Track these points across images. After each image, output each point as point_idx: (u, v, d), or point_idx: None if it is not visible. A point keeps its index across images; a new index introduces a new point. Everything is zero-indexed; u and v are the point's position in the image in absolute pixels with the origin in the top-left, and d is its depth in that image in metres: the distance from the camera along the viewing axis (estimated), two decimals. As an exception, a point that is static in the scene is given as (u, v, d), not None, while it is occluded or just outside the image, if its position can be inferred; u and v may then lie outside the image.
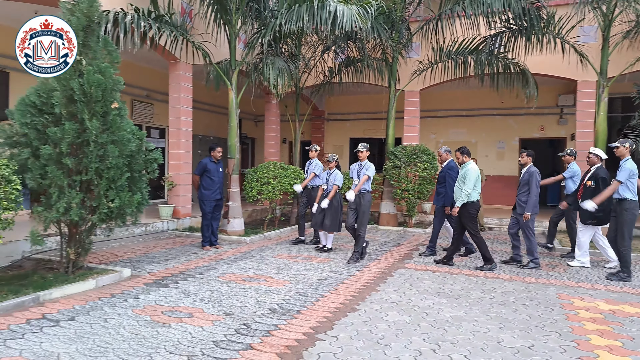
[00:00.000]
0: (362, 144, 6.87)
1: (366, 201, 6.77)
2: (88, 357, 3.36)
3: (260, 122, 16.75)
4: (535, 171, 6.75)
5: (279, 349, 3.59)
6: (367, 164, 6.85)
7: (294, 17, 7.66)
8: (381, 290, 5.32)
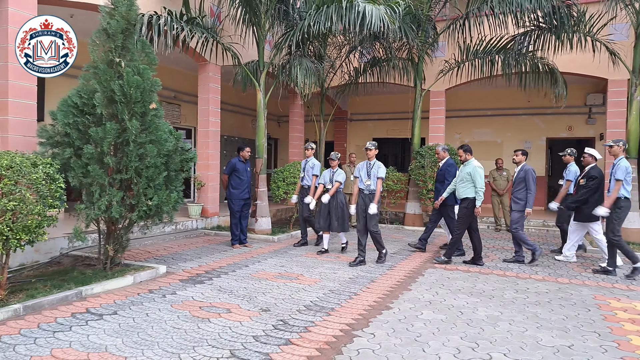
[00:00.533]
0: (370, 141, 6.58)
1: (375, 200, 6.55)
2: (134, 350, 3.47)
3: (283, 122, 16.87)
4: (530, 169, 6.93)
5: (317, 344, 3.65)
6: (376, 163, 6.54)
7: (323, 18, 7.72)
8: (413, 289, 5.33)
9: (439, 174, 7.52)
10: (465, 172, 6.55)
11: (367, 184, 6.48)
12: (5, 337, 3.66)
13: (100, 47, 5.36)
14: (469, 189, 6.52)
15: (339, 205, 7.04)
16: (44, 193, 4.45)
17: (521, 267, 6.67)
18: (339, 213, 7.01)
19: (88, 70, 5.33)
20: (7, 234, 4.22)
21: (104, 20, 5.42)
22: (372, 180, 6.46)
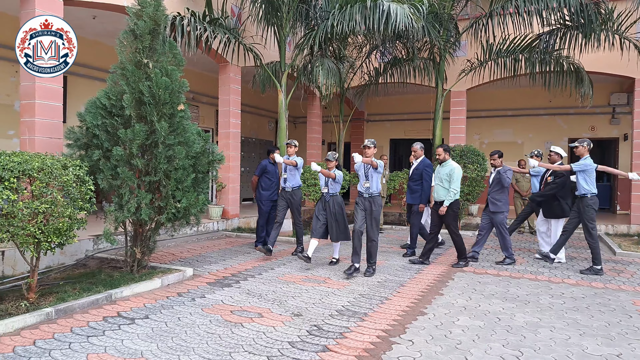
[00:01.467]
0: (369, 139, 6.00)
1: (377, 206, 5.90)
2: (170, 355, 3.40)
3: (299, 123, 16.82)
4: (509, 169, 6.93)
5: (356, 351, 3.54)
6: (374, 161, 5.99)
7: (346, 18, 7.63)
8: (445, 294, 5.20)
9: (416, 173, 7.23)
10: (445, 173, 6.39)
11: (365, 187, 5.90)
12: (39, 341, 3.62)
13: (127, 48, 5.34)
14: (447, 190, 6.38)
15: (337, 211, 6.29)
16: (74, 195, 4.42)
17: (552, 271, 6.49)
18: (339, 219, 6.29)
19: (115, 72, 5.31)
20: (39, 236, 4.19)
21: (131, 21, 5.40)
22: (372, 183, 5.90)
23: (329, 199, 6.31)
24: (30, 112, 5.78)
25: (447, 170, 6.39)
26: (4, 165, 3.97)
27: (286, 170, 6.94)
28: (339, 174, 6.29)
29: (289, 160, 6.80)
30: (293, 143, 7.09)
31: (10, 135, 8.18)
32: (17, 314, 4.04)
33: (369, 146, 5.95)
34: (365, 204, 5.91)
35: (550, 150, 7.12)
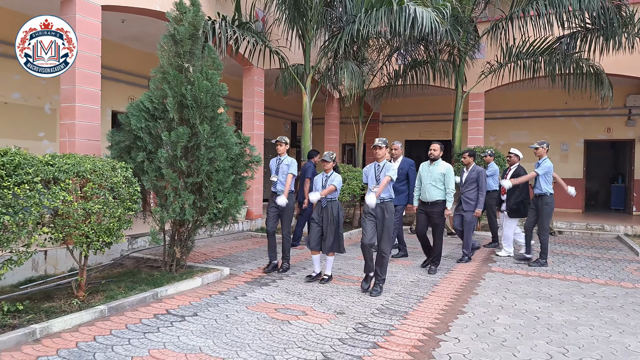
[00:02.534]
0: (380, 138, 5.20)
1: (390, 213, 5.13)
2: (228, 351, 3.52)
3: (315, 124, 16.91)
4: (483, 170, 7.06)
5: (406, 348, 3.65)
6: (386, 164, 5.20)
7: (372, 22, 7.74)
8: (480, 294, 5.29)
9: (401, 173, 6.87)
10: (439, 173, 6.00)
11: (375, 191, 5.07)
12: (99, 337, 3.75)
13: (168, 53, 5.48)
14: (442, 190, 6.04)
15: (334, 218, 5.52)
16: (123, 196, 4.55)
17: (580, 270, 6.57)
18: (334, 228, 5.50)
19: (156, 75, 5.45)
20: (91, 236, 4.33)
21: (170, 27, 5.53)
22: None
23: (326, 205, 5.54)
24: (71, 115, 5.93)
25: (441, 169, 6.02)
26: (59, 167, 4.11)
27: (278, 172, 5.96)
28: (338, 181, 5.54)
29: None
30: (283, 140, 5.96)
31: (41, 137, 8.35)
32: (72, 311, 4.17)
33: (380, 146, 5.15)
34: (377, 211, 5.11)
35: (510, 152, 7.47)
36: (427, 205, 6.13)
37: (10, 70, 7.74)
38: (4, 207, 3.54)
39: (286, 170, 5.93)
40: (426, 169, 6.17)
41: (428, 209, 6.14)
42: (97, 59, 6.16)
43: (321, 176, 5.70)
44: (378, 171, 5.19)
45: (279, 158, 6.05)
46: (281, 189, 5.94)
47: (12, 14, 7.86)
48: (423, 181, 6.16)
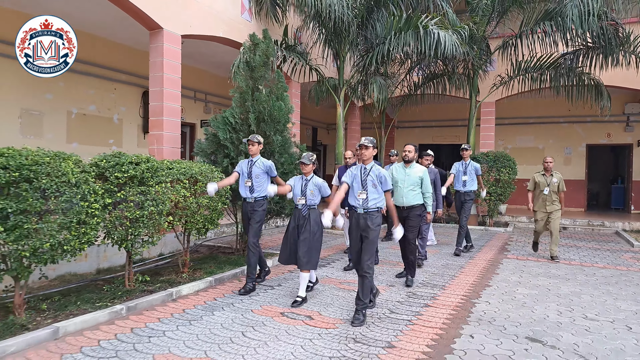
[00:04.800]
0: (367, 137, 4.45)
1: (376, 225, 4.39)
2: (342, 312, 4.71)
3: (332, 129, 18.15)
4: (438, 171, 7.37)
5: (450, 307, 4.84)
6: (375, 167, 4.46)
7: (401, 43, 8.94)
8: (500, 274, 6.48)
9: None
10: (416, 176, 5.67)
11: (361, 198, 4.39)
12: (219, 298, 4.96)
13: (244, 76, 6.68)
14: (419, 194, 5.74)
15: (314, 228, 4.86)
16: (220, 193, 5.76)
17: (583, 257, 7.74)
18: (311, 241, 4.83)
19: (234, 95, 6.66)
20: (199, 224, 5.54)
21: (245, 55, 6.75)
22: (371, 193, 4.38)
23: (307, 213, 4.89)
24: (159, 127, 7.14)
25: (418, 172, 5.70)
26: (179, 170, 5.32)
27: (251, 176, 5.24)
28: (319, 183, 4.93)
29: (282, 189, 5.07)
30: (255, 139, 5.29)
31: (110, 143, 9.56)
32: (186, 282, 5.37)
33: (367, 146, 4.38)
34: (360, 221, 4.39)
35: (426, 154, 7.43)
36: (403, 210, 5.68)
37: (87, 86, 8.97)
38: (151, 200, 4.75)
39: (260, 175, 5.25)
40: (401, 172, 5.76)
41: (404, 213, 5.68)
42: (178, 80, 7.38)
43: (300, 180, 4.99)
44: (364, 174, 4.43)
45: (251, 160, 5.31)
46: (254, 195, 5.23)
47: (102, 41, 9.08)
48: (399, 185, 5.70)
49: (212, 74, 11.98)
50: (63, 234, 3.89)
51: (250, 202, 5.29)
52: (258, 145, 5.33)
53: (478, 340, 3.89)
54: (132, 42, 9.42)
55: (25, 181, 3.64)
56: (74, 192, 3.91)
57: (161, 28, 6.98)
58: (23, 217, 3.61)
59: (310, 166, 4.97)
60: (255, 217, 5.26)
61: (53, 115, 8.33)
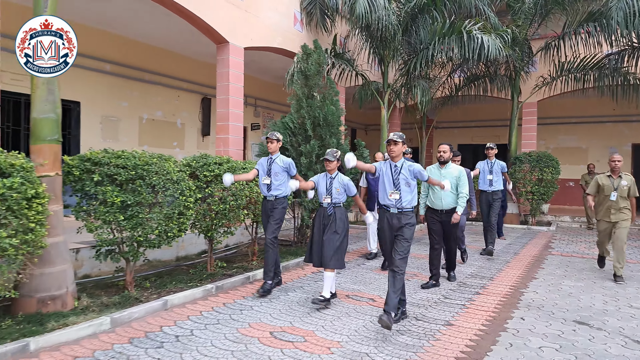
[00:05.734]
0: (396, 132, 4.23)
1: (411, 225, 4.20)
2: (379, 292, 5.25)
3: (370, 130, 18.66)
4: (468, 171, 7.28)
5: (499, 295, 5.28)
6: (405, 163, 4.24)
7: (445, 48, 9.35)
8: (545, 268, 6.82)
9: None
10: (452, 177, 5.41)
11: (394, 198, 4.19)
12: (296, 280, 5.59)
13: (299, 84, 7.30)
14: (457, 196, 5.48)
15: (340, 227, 4.68)
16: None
17: (628, 255, 7.92)
18: (337, 240, 4.64)
19: (291, 102, 7.29)
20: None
21: (298, 64, 7.38)
22: (404, 193, 4.17)
23: (332, 212, 4.72)
24: (225, 131, 7.87)
25: (454, 173, 5.47)
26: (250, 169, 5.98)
27: (270, 174, 5.13)
28: (344, 181, 4.74)
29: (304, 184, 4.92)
30: (274, 136, 5.16)
31: (174, 145, 10.42)
32: (257, 268, 6.02)
33: (396, 141, 4.14)
34: (393, 221, 4.20)
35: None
36: (442, 213, 5.46)
37: (155, 94, 9.85)
38: (231, 195, 5.43)
39: (280, 172, 5.12)
40: (436, 173, 5.51)
41: (443, 217, 5.46)
42: (241, 88, 8.09)
43: (324, 177, 4.81)
44: (395, 172, 4.20)
45: (271, 157, 5.19)
46: (274, 193, 5.11)
47: (169, 54, 9.96)
48: (436, 188, 5.41)
49: (261, 80, 12.72)
50: (167, 223, 4.60)
51: (270, 201, 5.14)
52: (277, 142, 5.18)
53: (529, 322, 4.33)
54: (194, 53, 10.25)
55: (139, 178, 4.37)
56: (176, 188, 4.62)
57: (227, 42, 7.70)
58: (138, 208, 4.34)
59: (335, 163, 4.75)
60: (275, 214, 5.10)
61: (127, 120, 9.24)
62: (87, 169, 4.29)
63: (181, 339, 3.70)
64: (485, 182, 7.77)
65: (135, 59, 9.28)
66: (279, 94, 13.17)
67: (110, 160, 4.32)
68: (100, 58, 8.51)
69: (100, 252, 4.53)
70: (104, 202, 4.25)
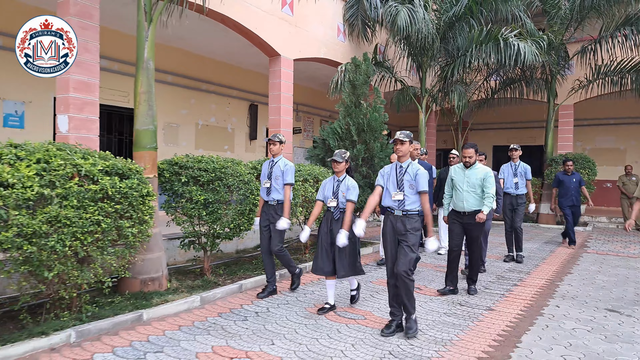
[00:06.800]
0: (402, 131, 3.99)
1: (415, 229, 3.96)
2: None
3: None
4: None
5: (536, 287, 5.74)
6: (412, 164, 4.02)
7: (483, 54, 9.78)
8: (580, 264, 7.20)
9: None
10: (477, 178, 5.18)
11: (397, 199, 3.98)
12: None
13: (347, 93, 7.93)
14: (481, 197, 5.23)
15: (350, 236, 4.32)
16: (334, 191, 7.04)
17: (664, 254, 8.17)
18: (349, 247, 4.40)
19: (340, 109, 7.93)
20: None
21: (347, 74, 8.01)
22: (408, 194, 3.94)
23: (339, 217, 4.47)
24: (276, 136, 8.59)
25: (479, 174, 5.20)
26: (306, 171, 6.67)
27: (270, 177, 4.91)
28: (351, 183, 4.49)
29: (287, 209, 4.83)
30: (276, 138, 4.94)
31: (225, 149, 11.25)
32: (309, 260, 6.68)
33: (403, 140, 3.95)
34: (397, 224, 3.96)
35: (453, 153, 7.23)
36: (464, 215, 5.22)
37: (210, 102, 10.71)
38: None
39: (281, 179, 4.88)
40: (460, 173, 5.33)
41: (465, 220, 5.22)
42: (290, 97, 8.80)
43: (331, 181, 4.59)
44: (400, 173, 4.00)
45: (272, 160, 4.99)
46: (275, 197, 4.88)
47: (223, 65, 10.80)
48: (458, 188, 5.27)
49: (301, 86, 13.43)
50: (239, 218, 5.33)
51: (272, 206, 4.89)
52: (280, 144, 4.94)
53: (563, 309, 4.81)
54: (243, 64, 11.06)
55: (218, 180, 5.11)
56: (247, 188, 5.34)
57: (279, 55, 8.42)
58: (217, 205, 5.08)
59: (343, 164, 4.48)
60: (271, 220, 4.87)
61: (186, 126, 10.13)
62: (175, 171, 5.07)
63: (260, 314, 4.40)
64: (510, 184, 7.38)
65: (194, 71, 10.15)
66: (318, 99, 13.86)
67: (194, 164, 5.08)
68: (164, 70, 9.40)
69: (184, 242, 5.30)
70: (190, 199, 5.01)
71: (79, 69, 5.22)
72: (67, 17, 5.16)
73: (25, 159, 3.36)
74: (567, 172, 8.63)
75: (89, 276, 3.68)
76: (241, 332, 3.90)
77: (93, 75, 5.34)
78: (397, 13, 9.00)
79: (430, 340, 3.88)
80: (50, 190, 3.33)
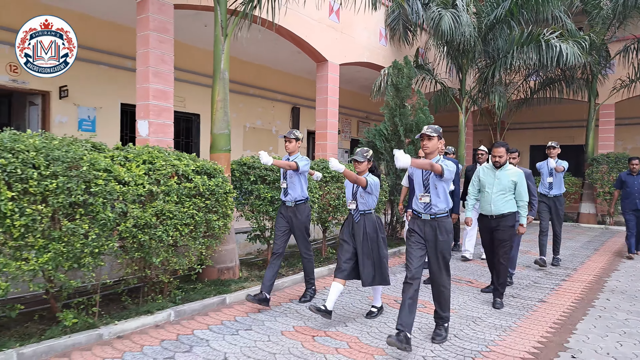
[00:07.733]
0: (430, 126, 3.77)
1: (448, 234, 3.73)
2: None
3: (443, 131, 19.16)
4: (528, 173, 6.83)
5: (585, 282, 5.95)
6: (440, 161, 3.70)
7: (524, 56, 9.93)
8: (626, 262, 7.33)
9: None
10: (509, 180, 4.82)
11: (423, 202, 3.72)
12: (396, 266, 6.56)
13: (391, 96, 8.27)
14: (511, 201, 4.87)
15: (372, 237, 4.14)
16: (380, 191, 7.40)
17: None
18: (374, 249, 4.14)
19: (384, 112, 8.28)
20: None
21: (390, 78, 8.36)
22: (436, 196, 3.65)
23: (359, 219, 4.21)
24: (324, 138, 9.02)
25: (512, 176, 4.84)
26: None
27: (285, 177, 4.75)
28: (373, 181, 4.12)
29: (281, 162, 4.58)
30: (292, 135, 4.71)
31: (270, 150, 11.75)
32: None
33: (430, 136, 3.70)
34: (426, 230, 3.71)
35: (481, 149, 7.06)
36: (492, 219, 4.89)
37: (256, 105, 11.24)
38: (344, 192, 6.51)
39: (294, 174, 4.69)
40: (489, 174, 4.96)
41: (493, 223, 4.88)
42: (336, 100, 9.21)
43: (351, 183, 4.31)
44: (427, 173, 3.69)
45: (288, 157, 4.79)
46: (293, 197, 4.69)
47: (270, 70, 11.34)
48: (486, 190, 4.94)
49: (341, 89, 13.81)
50: (302, 215, 5.75)
51: (290, 207, 4.69)
52: (296, 141, 4.69)
53: (614, 302, 5.03)
54: (287, 68, 11.55)
55: (260, 178, 5.55)
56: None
57: (326, 60, 8.84)
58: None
59: (365, 164, 4.17)
60: (300, 226, 4.70)
61: (234, 129, 10.64)
62: (244, 171, 5.54)
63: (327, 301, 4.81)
64: (544, 184, 7.04)
65: (244, 76, 10.69)
66: (355, 100, 14.21)
67: (260, 165, 5.54)
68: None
69: (250, 235, 5.77)
70: (258, 196, 5.48)
71: (158, 78, 5.79)
72: (146, 32, 5.74)
73: (133, 160, 3.87)
74: (632, 172, 7.64)
75: (184, 263, 4.18)
76: (315, 316, 4.32)
77: (169, 84, 5.90)
78: (440, 18, 9.28)
79: (491, 326, 4.20)
80: (157, 187, 3.83)
